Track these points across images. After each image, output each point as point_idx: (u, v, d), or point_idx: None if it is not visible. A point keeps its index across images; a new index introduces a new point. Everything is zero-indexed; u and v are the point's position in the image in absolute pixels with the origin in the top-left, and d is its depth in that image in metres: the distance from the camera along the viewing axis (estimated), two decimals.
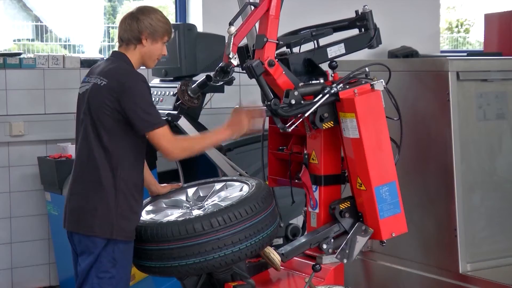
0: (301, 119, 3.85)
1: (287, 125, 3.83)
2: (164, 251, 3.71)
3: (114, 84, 3.65)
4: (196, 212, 3.89)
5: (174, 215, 3.93)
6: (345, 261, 3.88)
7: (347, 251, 3.86)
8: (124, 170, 3.67)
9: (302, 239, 3.96)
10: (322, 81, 3.93)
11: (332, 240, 3.92)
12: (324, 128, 3.88)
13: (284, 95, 3.84)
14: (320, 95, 3.84)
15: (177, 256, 3.70)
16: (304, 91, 3.88)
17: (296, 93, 3.84)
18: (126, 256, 3.73)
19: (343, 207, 3.92)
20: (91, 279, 3.67)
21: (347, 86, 3.87)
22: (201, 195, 4.17)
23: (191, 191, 4.20)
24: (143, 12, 3.79)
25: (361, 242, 3.88)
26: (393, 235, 3.88)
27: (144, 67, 3.90)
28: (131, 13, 3.81)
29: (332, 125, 3.89)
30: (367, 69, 3.97)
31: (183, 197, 4.18)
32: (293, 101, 3.84)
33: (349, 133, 3.83)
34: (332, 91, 3.84)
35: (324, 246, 3.90)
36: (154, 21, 3.77)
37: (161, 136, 3.66)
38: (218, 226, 3.68)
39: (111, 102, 3.63)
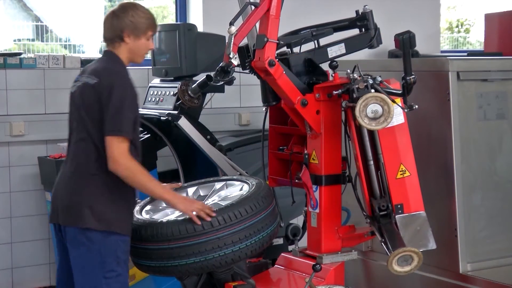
0: None
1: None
2: (164, 251, 3.71)
3: (103, 83, 3.68)
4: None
5: (174, 214, 3.93)
6: (434, 246, 3.86)
7: (426, 240, 3.86)
8: None
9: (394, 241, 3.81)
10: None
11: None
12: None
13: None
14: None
15: (177, 255, 3.70)
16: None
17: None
18: (127, 253, 3.75)
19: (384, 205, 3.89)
20: (98, 280, 3.66)
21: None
22: (202, 194, 4.17)
23: (191, 190, 4.20)
24: (123, 9, 3.79)
25: (426, 224, 3.87)
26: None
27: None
28: (113, 12, 3.82)
29: None
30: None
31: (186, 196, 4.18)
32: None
33: (393, 122, 3.80)
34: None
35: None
36: (135, 18, 3.76)
37: (115, 145, 3.60)
38: (218, 225, 3.68)
39: (99, 100, 3.66)
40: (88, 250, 3.67)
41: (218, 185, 4.19)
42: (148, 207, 4.08)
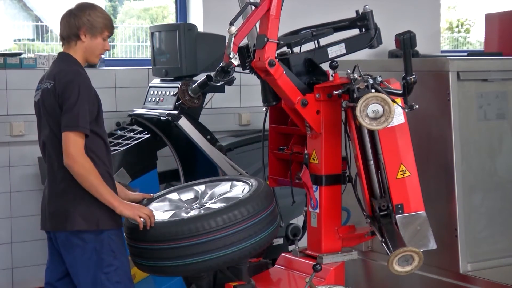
0: None
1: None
2: (164, 251, 3.71)
3: (58, 85, 3.70)
4: (196, 212, 3.89)
5: (174, 215, 3.92)
6: (435, 246, 3.87)
7: (426, 240, 3.87)
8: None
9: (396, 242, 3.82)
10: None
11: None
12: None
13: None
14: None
15: (178, 256, 3.70)
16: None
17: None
18: (122, 244, 3.78)
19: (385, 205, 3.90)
20: (98, 277, 3.70)
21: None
22: (204, 194, 4.16)
23: (194, 189, 4.20)
24: (81, 8, 3.81)
25: (427, 224, 3.88)
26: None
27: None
28: (70, 10, 3.83)
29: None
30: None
31: (186, 196, 4.17)
32: None
33: (393, 122, 3.81)
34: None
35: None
36: (92, 17, 3.77)
37: (71, 140, 3.61)
38: (218, 226, 3.68)
39: (58, 101, 3.68)
40: (83, 250, 3.70)
41: (220, 184, 4.18)
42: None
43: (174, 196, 4.18)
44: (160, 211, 4.01)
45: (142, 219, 3.69)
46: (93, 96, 3.72)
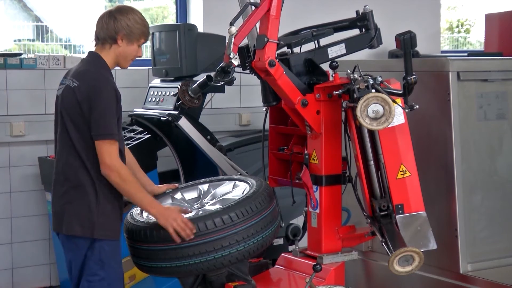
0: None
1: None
2: (165, 251, 3.71)
3: (83, 87, 3.65)
4: (196, 212, 3.89)
5: None
6: (435, 246, 3.86)
7: (426, 240, 3.86)
8: (99, 171, 3.65)
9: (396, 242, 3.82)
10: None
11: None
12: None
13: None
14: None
15: (180, 256, 3.69)
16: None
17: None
18: (114, 256, 3.73)
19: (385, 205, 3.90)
20: (82, 283, 3.70)
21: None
22: (206, 193, 4.16)
23: (198, 188, 4.20)
24: (121, 11, 3.75)
25: (427, 224, 3.88)
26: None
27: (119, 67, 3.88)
28: (110, 12, 3.77)
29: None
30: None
31: (190, 195, 4.17)
32: None
33: (393, 122, 3.79)
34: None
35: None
36: (132, 22, 3.72)
37: (106, 150, 3.59)
38: (218, 226, 3.68)
39: (79, 104, 3.64)
40: (75, 255, 3.71)
41: (224, 184, 4.17)
42: None
43: (177, 195, 4.18)
44: None
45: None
46: (117, 102, 3.68)
